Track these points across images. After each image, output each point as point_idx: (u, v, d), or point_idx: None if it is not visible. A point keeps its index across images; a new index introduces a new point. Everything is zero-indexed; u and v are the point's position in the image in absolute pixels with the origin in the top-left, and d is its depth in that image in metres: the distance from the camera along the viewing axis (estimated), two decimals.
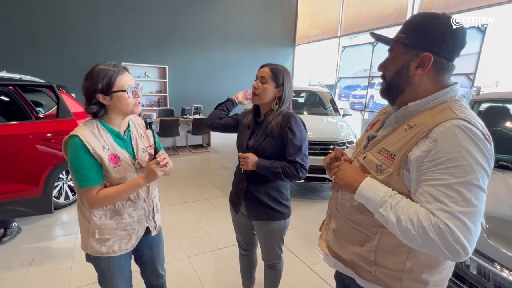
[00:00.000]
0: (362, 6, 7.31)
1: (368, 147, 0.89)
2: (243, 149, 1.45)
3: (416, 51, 0.78)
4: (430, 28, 0.76)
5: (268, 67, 1.42)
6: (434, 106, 0.78)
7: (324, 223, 1.08)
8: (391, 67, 0.83)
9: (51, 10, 6.28)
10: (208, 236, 2.77)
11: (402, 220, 0.69)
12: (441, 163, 0.68)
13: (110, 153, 1.11)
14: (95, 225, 1.15)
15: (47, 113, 4.05)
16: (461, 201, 0.65)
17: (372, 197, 0.75)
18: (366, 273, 0.85)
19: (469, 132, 0.68)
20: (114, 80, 1.08)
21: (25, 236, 2.65)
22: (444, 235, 0.64)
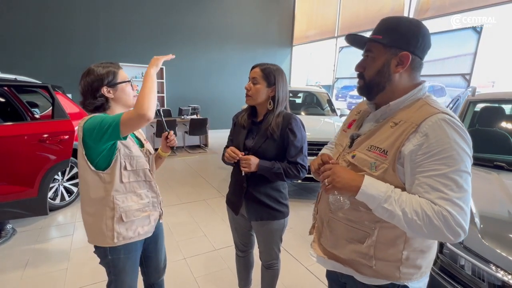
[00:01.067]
0: (359, 6, 7.34)
1: (354, 146, 0.92)
2: (240, 149, 1.45)
3: (395, 50, 0.84)
4: (406, 30, 0.84)
5: (259, 68, 1.41)
6: (411, 104, 0.85)
7: (314, 227, 1.09)
8: (371, 66, 0.87)
9: (46, 10, 6.24)
10: (205, 237, 2.76)
11: (408, 213, 0.73)
12: (434, 155, 0.73)
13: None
14: (121, 208, 1.18)
15: (42, 113, 4.03)
16: (456, 187, 0.72)
17: (376, 194, 0.77)
18: (366, 269, 0.87)
19: (453, 124, 0.75)
20: (116, 74, 1.17)
21: (20, 238, 2.63)
22: (448, 221, 0.70)
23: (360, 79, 0.91)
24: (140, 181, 1.25)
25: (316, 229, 1.05)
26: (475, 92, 2.44)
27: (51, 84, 3.02)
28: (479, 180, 1.68)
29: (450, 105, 3.15)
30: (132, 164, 1.19)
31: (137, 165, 1.21)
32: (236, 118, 1.58)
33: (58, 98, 2.96)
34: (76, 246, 2.53)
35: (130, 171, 1.19)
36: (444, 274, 1.24)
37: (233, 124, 1.59)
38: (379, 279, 0.86)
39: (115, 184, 1.16)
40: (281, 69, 1.46)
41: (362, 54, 0.92)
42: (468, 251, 1.19)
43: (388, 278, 0.85)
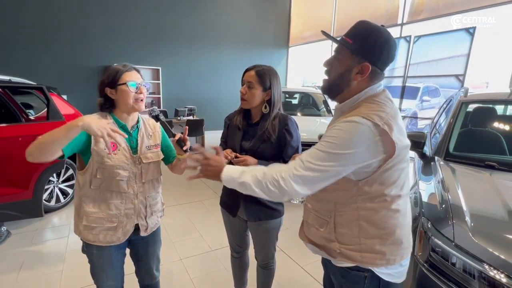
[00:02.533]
0: (354, 8, 7.39)
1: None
2: (236, 150, 1.45)
3: (359, 59, 0.89)
4: (374, 41, 0.88)
5: (253, 70, 1.41)
6: (359, 104, 0.93)
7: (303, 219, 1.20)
8: (336, 67, 0.94)
9: (41, 10, 6.20)
10: (201, 238, 2.77)
11: (258, 176, 0.89)
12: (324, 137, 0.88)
13: (111, 141, 1.08)
14: (84, 211, 1.19)
15: (37, 115, 4.00)
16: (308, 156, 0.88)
17: (231, 176, 0.94)
18: (334, 253, 0.97)
19: (354, 124, 0.85)
20: (120, 75, 1.17)
21: (15, 240, 2.61)
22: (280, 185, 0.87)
23: (326, 75, 0.98)
24: (113, 191, 1.20)
25: (303, 221, 1.17)
26: (468, 93, 2.47)
27: (46, 85, 3.00)
28: (470, 179, 1.71)
29: (444, 106, 3.19)
30: (104, 174, 1.16)
31: (110, 175, 1.16)
32: (229, 120, 1.58)
33: (53, 99, 2.95)
34: (72, 248, 2.52)
35: (100, 179, 1.16)
36: (435, 272, 1.26)
37: (226, 126, 1.59)
38: (347, 262, 0.95)
39: (85, 188, 1.18)
40: (275, 70, 1.46)
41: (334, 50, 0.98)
42: (459, 249, 1.21)
43: (353, 261, 0.94)
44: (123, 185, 1.20)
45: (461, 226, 1.28)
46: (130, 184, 1.23)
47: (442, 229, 1.32)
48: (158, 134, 1.39)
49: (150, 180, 1.32)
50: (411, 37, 5.96)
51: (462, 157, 1.94)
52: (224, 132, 1.60)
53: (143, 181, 1.27)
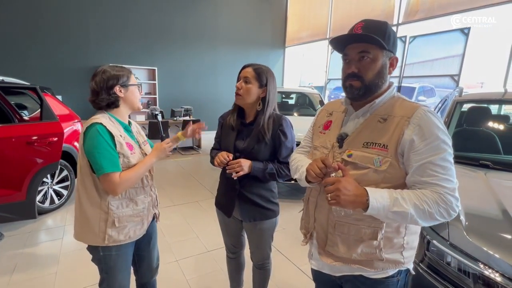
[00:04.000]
0: (351, 8, 7.42)
1: (345, 146, 0.94)
2: (230, 151, 1.44)
3: (388, 53, 0.89)
4: (393, 34, 0.90)
5: (251, 67, 1.41)
6: (387, 100, 0.92)
7: (310, 235, 1.04)
8: (371, 68, 0.88)
9: (35, 9, 6.14)
10: (197, 239, 2.75)
11: (418, 205, 0.78)
12: (429, 143, 0.80)
13: (126, 141, 1.22)
14: (114, 214, 1.20)
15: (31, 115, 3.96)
16: (446, 171, 0.80)
17: (383, 203, 0.79)
18: (377, 263, 0.90)
19: (435, 115, 0.85)
20: (129, 76, 1.26)
21: (8, 243, 2.57)
22: (451, 203, 0.78)
23: (356, 80, 0.89)
24: (138, 187, 1.28)
25: (318, 239, 1.01)
26: (462, 93, 2.49)
27: (39, 85, 2.97)
28: (465, 178, 1.71)
29: (439, 105, 3.20)
30: None
31: None
32: (222, 120, 1.57)
33: (46, 100, 2.92)
34: (66, 250, 2.49)
35: None
36: (431, 271, 1.26)
37: (220, 125, 1.58)
38: (387, 270, 0.90)
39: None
40: (271, 70, 1.46)
41: (347, 58, 0.92)
42: (454, 248, 1.21)
43: (395, 266, 0.90)
44: (144, 180, 1.31)
45: (455, 226, 1.29)
46: (148, 178, 1.34)
47: (437, 229, 1.33)
48: (141, 131, 1.47)
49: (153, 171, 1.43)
50: (407, 37, 5.99)
51: (457, 156, 1.93)
52: (218, 131, 1.59)
53: (152, 173, 1.39)
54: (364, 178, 0.86)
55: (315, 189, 1.02)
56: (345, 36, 0.88)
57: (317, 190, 1.01)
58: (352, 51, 0.90)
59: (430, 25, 5.81)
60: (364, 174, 0.87)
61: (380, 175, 0.85)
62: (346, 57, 0.93)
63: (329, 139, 1.00)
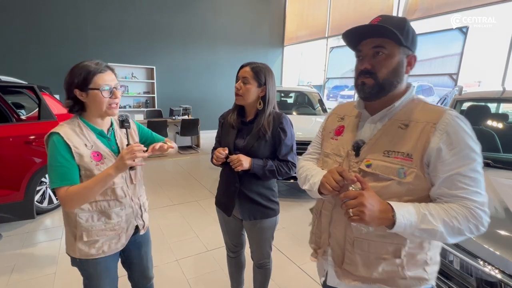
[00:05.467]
0: (349, 7, 7.42)
1: (362, 154, 0.86)
2: (230, 149, 1.43)
3: (406, 50, 0.82)
4: (412, 31, 0.81)
5: (249, 67, 1.40)
6: (407, 104, 0.84)
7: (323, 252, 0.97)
8: (385, 64, 0.81)
9: (33, 8, 6.09)
10: (197, 238, 2.74)
11: (448, 221, 0.71)
12: (458, 152, 0.74)
13: (93, 151, 1.10)
14: (82, 227, 1.12)
15: (29, 115, 3.93)
16: (476, 183, 0.74)
17: (410, 220, 0.72)
18: (400, 281, 0.83)
19: (464, 120, 0.78)
20: (92, 77, 1.06)
21: (6, 243, 2.55)
22: (480, 218, 0.72)
23: (368, 77, 0.82)
24: (110, 200, 1.15)
25: (333, 256, 0.93)
26: (462, 91, 2.49)
27: (37, 84, 2.95)
28: None
29: (438, 104, 3.21)
30: None
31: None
32: (223, 119, 1.56)
33: (44, 99, 2.89)
34: (65, 250, 2.47)
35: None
36: None
37: (220, 125, 1.57)
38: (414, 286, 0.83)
39: None
40: (270, 68, 1.45)
41: (360, 54, 0.85)
42: (457, 247, 1.21)
43: (419, 283, 0.82)
44: (119, 192, 1.16)
45: None
46: (124, 189, 1.19)
47: None
48: (135, 132, 1.32)
49: (139, 180, 1.30)
50: None
51: None
52: (219, 131, 1.59)
53: (134, 183, 1.24)
54: (386, 191, 0.78)
55: (329, 201, 0.93)
56: (360, 28, 0.80)
57: (331, 203, 0.93)
58: (366, 47, 0.83)
59: (428, 24, 5.82)
60: (386, 186, 0.79)
61: (403, 187, 0.77)
62: (359, 54, 0.86)
63: (343, 146, 0.92)
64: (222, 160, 1.38)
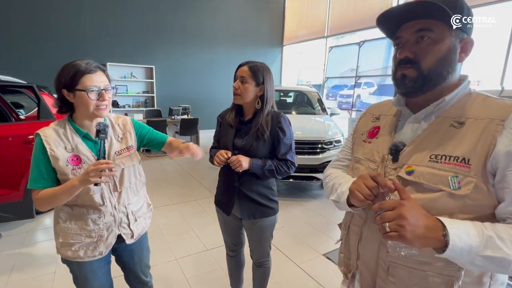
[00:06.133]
0: (348, 7, 7.42)
1: (402, 159, 0.70)
2: (229, 148, 1.44)
3: (460, 33, 0.66)
4: (468, 9, 0.66)
5: (247, 66, 1.40)
6: (461, 98, 0.69)
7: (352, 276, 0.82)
8: (432, 51, 0.65)
9: (31, 8, 6.08)
10: (196, 238, 2.75)
11: None
12: None
13: (73, 154, 1.07)
14: (60, 227, 1.13)
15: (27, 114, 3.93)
16: None
17: (468, 243, 0.54)
18: None
19: None
20: (79, 78, 1.02)
21: (5, 242, 2.56)
22: None
23: (410, 67, 0.67)
24: (88, 206, 1.11)
25: (361, 282, 0.78)
26: None
27: (36, 84, 2.95)
28: None
29: None
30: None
31: (81, 190, 1.04)
32: (221, 118, 1.56)
33: (44, 99, 2.89)
34: None
35: (74, 196, 1.07)
36: None
37: (219, 124, 1.57)
38: None
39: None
40: (268, 66, 1.45)
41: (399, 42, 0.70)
42: None
43: None
44: (97, 199, 1.11)
45: None
46: (105, 196, 1.13)
47: None
48: (130, 134, 1.24)
49: (128, 187, 1.21)
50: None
51: None
52: (217, 130, 1.59)
53: (119, 190, 1.17)
54: (433, 205, 0.62)
55: (359, 215, 0.79)
56: (399, 8, 0.65)
57: (361, 218, 0.78)
58: (407, 32, 0.67)
59: None
60: (433, 199, 0.62)
61: (458, 201, 0.60)
62: (398, 41, 0.71)
63: (378, 150, 0.77)
64: (224, 163, 1.38)
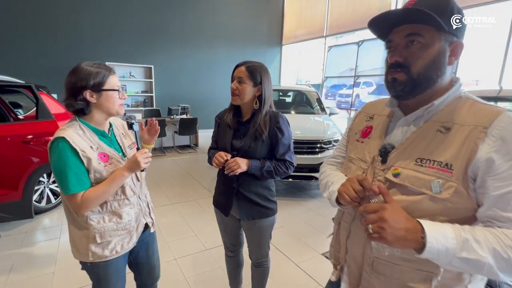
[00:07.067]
0: (347, 6, 7.43)
1: (390, 161, 0.73)
2: (227, 150, 1.43)
3: (450, 36, 0.67)
4: (458, 11, 0.66)
5: (244, 66, 1.40)
6: (451, 102, 0.70)
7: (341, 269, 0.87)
8: (422, 55, 0.67)
9: (29, 7, 6.06)
10: (195, 237, 2.75)
11: (500, 251, 0.56)
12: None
13: (99, 152, 1.10)
14: (95, 229, 1.12)
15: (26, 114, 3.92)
16: None
17: (445, 245, 0.58)
18: None
19: None
20: (106, 79, 1.09)
21: (4, 242, 2.55)
22: None
23: (400, 71, 0.69)
24: (120, 199, 1.16)
25: (349, 275, 0.83)
26: None
27: (35, 84, 2.94)
28: None
29: None
30: None
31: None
32: (219, 119, 1.55)
33: (42, 98, 2.89)
34: (63, 249, 2.47)
35: None
36: None
37: (217, 124, 1.56)
38: None
39: None
40: (265, 66, 1.45)
41: (390, 46, 0.72)
42: None
43: None
44: (128, 191, 1.19)
45: None
46: (132, 187, 1.22)
47: None
48: (128, 133, 1.35)
49: (144, 178, 1.33)
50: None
51: None
52: (215, 131, 1.58)
53: (140, 181, 1.28)
54: (416, 207, 0.65)
55: (349, 212, 0.83)
56: (390, 14, 0.68)
57: (350, 215, 0.82)
58: (398, 35, 0.70)
59: None
60: (416, 202, 0.66)
61: (438, 204, 0.63)
62: (390, 44, 0.73)
63: (369, 151, 0.80)
64: (223, 165, 1.38)
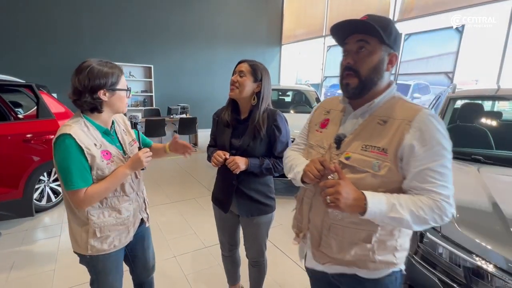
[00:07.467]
0: (346, 6, 7.45)
1: (343, 147, 0.91)
2: (226, 148, 1.45)
3: (388, 49, 0.86)
4: (396, 31, 0.87)
5: (246, 63, 1.42)
6: (387, 101, 0.89)
7: (303, 236, 1.05)
8: (367, 61, 0.85)
9: (29, 7, 6.08)
10: (195, 235, 2.77)
11: (414, 211, 0.77)
12: (429, 148, 0.79)
13: (102, 150, 1.12)
14: (95, 224, 1.15)
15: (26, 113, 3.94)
16: (443, 177, 0.79)
17: (380, 209, 0.78)
18: (370, 264, 0.89)
19: (438, 119, 0.82)
20: (119, 79, 1.13)
21: (5, 240, 2.57)
22: (445, 209, 0.78)
23: (353, 76, 0.87)
24: (119, 196, 1.20)
25: (311, 239, 1.00)
26: (455, 89, 2.53)
27: (35, 83, 2.96)
28: (457, 172, 1.75)
29: (433, 102, 3.25)
30: None
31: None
32: (217, 116, 1.55)
33: (43, 98, 2.91)
34: (64, 247, 2.49)
35: None
36: (424, 263, 1.30)
37: (215, 122, 1.57)
38: (381, 270, 0.90)
39: None
40: (266, 68, 1.47)
41: (346, 49, 0.90)
42: (446, 239, 1.25)
43: (388, 267, 0.90)
44: (128, 188, 1.23)
45: None
46: (131, 184, 1.25)
47: None
48: (130, 130, 1.37)
49: (142, 175, 1.36)
50: (402, 35, 6.03)
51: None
52: (213, 129, 1.59)
53: (138, 178, 1.31)
54: (362, 182, 0.84)
55: (310, 190, 1.00)
56: (346, 22, 0.84)
57: (312, 191, 0.99)
58: (352, 41, 0.87)
59: (425, 22, 5.85)
60: (361, 178, 0.84)
61: (378, 179, 0.83)
62: (345, 49, 0.91)
63: (326, 139, 0.97)
64: (222, 164, 1.39)
